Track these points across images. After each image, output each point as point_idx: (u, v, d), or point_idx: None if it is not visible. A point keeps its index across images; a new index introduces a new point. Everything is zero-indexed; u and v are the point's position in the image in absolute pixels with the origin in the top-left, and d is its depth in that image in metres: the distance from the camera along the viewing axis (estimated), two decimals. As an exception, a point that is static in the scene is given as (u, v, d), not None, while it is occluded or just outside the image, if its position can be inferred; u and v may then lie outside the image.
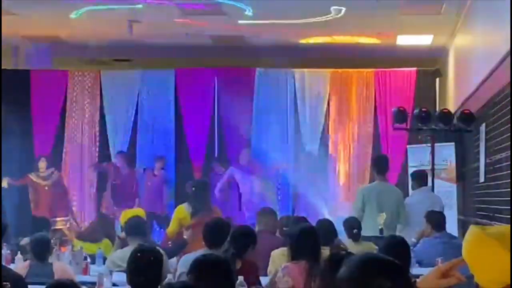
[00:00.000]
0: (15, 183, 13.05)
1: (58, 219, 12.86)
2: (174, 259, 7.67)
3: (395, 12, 11.35)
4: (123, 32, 12.45)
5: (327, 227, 7.32)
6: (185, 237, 6.52)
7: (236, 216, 12.72)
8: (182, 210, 8.88)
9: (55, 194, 13.00)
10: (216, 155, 13.69)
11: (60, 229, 12.66)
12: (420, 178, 9.94)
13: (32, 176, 12.98)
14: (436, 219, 8.41)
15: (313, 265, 5.51)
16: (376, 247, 8.06)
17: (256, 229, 7.85)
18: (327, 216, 10.74)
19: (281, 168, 13.37)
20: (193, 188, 9.17)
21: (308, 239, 5.71)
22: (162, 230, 12.98)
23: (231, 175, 12.83)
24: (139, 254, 4.53)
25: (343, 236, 8.24)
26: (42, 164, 12.94)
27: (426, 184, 9.96)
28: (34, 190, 13.03)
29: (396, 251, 5.38)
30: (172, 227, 8.94)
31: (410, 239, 8.89)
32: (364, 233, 8.50)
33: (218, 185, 12.72)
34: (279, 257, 6.39)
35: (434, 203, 9.36)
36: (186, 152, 13.76)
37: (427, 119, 10.75)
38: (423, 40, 13.17)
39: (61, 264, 6.71)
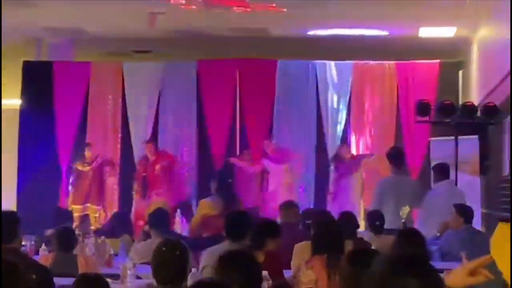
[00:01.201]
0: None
1: (90, 205, 12.90)
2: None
3: (418, 3, 11.29)
4: (145, 24, 12.46)
5: (349, 220, 7.32)
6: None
7: (260, 206, 12.78)
8: (205, 206, 8.90)
9: (93, 180, 13.05)
10: (237, 146, 13.70)
11: (88, 216, 12.69)
12: (442, 171, 9.83)
13: (78, 165, 13.05)
14: (468, 212, 8.37)
15: (335, 258, 5.51)
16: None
17: (279, 222, 7.89)
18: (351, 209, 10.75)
19: (303, 160, 13.33)
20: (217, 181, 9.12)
21: (330, 233, 5.70)
22: (183, 217, 12.99)
23: (264, 165, 12.86)
24: (164, 248, 4.54)
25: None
26: (88, 153, 13.00)
27: (447, 177, 9.86)
28: (77, 178, 13.10)
29: (410, 243, 5.34)
30: (194, 222, 8.95)
31: (431, 232, 8.87)
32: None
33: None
34: (302, 250, 6.38)
35: (455, 197, 9.29)
36: (208, 143, 13.76)
37: (450, 112, 10.70)
38: (446, 31, 13.07)
39: (85, 256, 6.74)
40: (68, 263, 6.46)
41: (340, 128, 13.58)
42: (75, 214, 12.69)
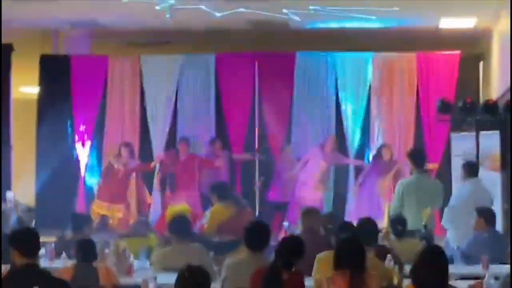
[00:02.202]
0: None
1: (114, 205, 12.83)
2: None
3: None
4: (163, 16, 12.39)
5: (369, 227, 7.22)
6: None
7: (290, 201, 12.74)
8: (219, 211, 8.90)
9: (122, 180, 12.93)
10: (256, 139, 13.66)
11: (109, 217, 12.64)
12: (471, 169, 9.67)
13: (113, 162, 12.94)
14: (490, 215, 8.31)
15: (358, 275, 5.47)
16: (424, 241, 8.03)
17: (300, 228, 7.88)
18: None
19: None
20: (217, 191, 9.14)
21: (352, 249, 5.63)
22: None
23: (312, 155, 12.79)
24: (186, 275, 4.52)
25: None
26: (124, 152, 12.86)
27: (476, 176, 9.73)
28: (107, 174, 13.03)
29: (431, 262, 5.23)
30: (210, 228, 8.92)
31: (458, 230, 8.83)
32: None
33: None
34: (324, 262, 6.34)
35: (484, 197, 9.21)
36: (226, 135, 13.73)
37: (472, 110, 10.61)
38: (467, 22, 12.94)
39: (107, 267, 6.73)
40: (89, 274, 6.46)
41: (359, 120, 13.49)
42: (98, 210, 12.63)
